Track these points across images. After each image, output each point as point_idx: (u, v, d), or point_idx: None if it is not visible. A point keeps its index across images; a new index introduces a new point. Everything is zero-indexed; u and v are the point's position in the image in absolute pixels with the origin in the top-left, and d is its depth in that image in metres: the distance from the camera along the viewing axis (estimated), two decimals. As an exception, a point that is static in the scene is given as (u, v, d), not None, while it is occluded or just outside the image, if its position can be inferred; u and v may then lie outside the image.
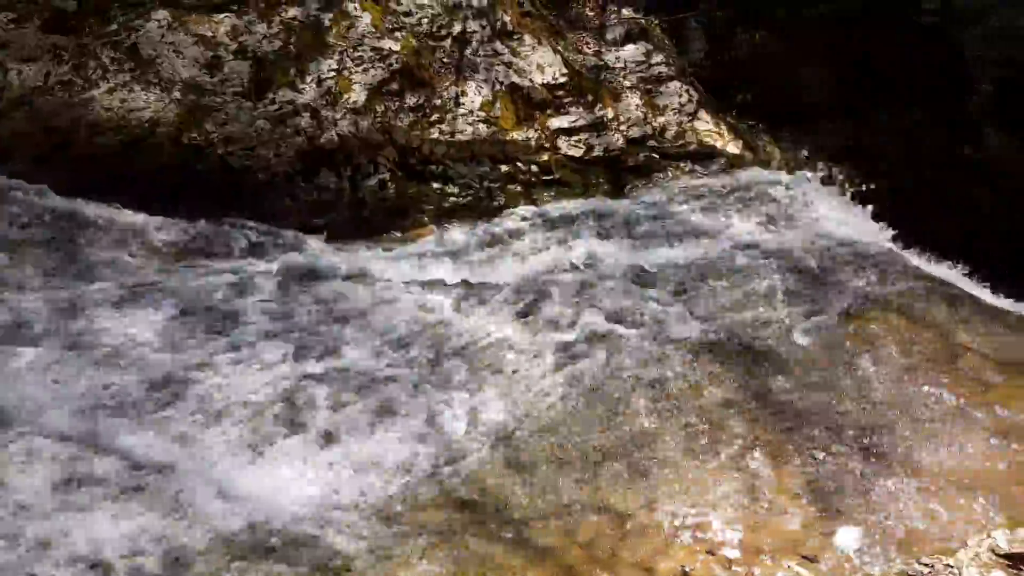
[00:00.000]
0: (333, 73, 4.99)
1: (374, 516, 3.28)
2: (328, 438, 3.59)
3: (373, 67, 5.13)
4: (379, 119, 5.07)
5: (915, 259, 5.69)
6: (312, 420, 3.65)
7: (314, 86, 4.92)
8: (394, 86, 5.17)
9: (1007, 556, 3.16)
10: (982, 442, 3.92)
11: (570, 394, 4.03)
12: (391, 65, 5.18)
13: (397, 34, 5.34)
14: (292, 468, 3.44)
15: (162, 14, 4.64)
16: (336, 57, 5.04)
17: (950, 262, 5.92)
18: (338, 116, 4.93)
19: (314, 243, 4.65)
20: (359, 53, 5.12)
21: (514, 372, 4.12)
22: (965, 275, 5.77)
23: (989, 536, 3.30)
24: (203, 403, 3.67)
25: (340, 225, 4.90)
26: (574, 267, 5.02)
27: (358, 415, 3.71)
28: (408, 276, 4.60)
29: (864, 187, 6.77)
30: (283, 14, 4.97)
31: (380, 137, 5.06)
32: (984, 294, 5.47)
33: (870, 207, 6.42)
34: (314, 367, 3.89)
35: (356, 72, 5.07)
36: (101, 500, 3.10)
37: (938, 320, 4.81)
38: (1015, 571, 3.08)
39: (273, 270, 4.36)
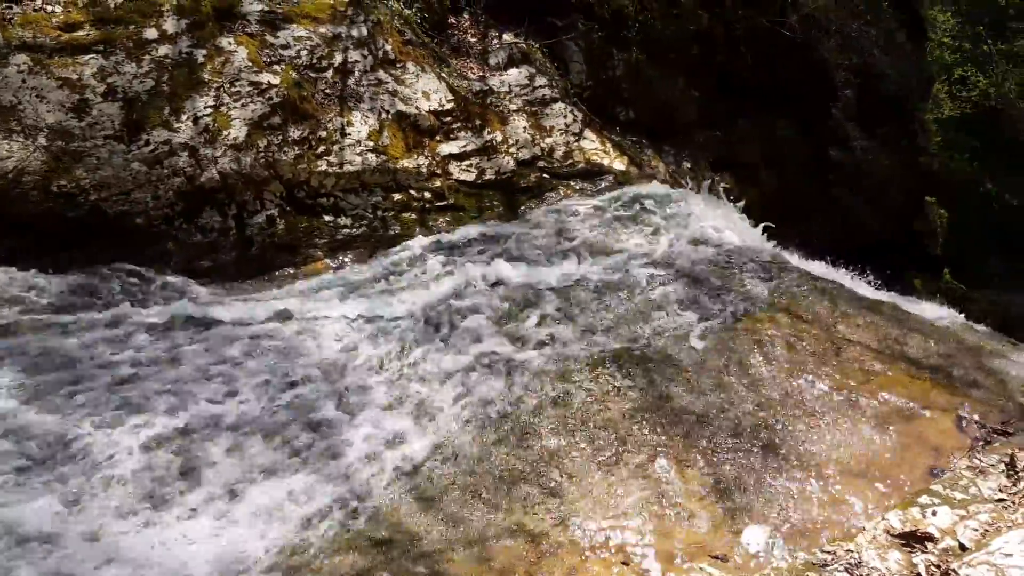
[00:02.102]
0: (210, 110, 4.84)
1: (281, 567, 3.15)
2: (227, 490, 3.43)
3: (252, 102, 5.00)
4: (262, 154, 4.94)
5: (795, 259, 5.95)
6: (209, 473, 3.48)
7: (191, 124, 4.75)
8: (276, 120, 5.06)
9: (901, 535, 3.32)
10: (869, 428, 4.12)
11: (477, 420, 4.00)
12: (271, 99, 5.07)
13: (276, 67, 5.24)
14: (190, 526, 3.26)
15: (21, 58, 4.39)
16: (212, 94, 4.89)
17: (827, 259, 6.26)
18: (218, 154, 4.78)
19: (200, 287, 4.47)
20: (236, 88, 4.99)
21: (419, 403, 4.07)
22: (842, 270, 6.11)
23: (884, 518, 3.46)
24: (89, 465, 3.43)
25: (228, 266, 4.75)
26: (473, 291, 5.01)
27: (258, 463, 3.56)
28: (303, 313, 4.47)
29: (743, 194, 7.10)
30: (153, 53, 4.79)
31: (265, 172, 4.94)
32: (860, 287, 5.79)
33: (750, 213, 6.72)
34: (208, 417, 3.72)
35: (234, 108, 4.93)
36: (-18, 581, 2.87)
37: (820, 315, 5.03)
38: (909, 549, 3.24)
39: (158, 319, 4.15)
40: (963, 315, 5.76)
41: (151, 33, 4.81)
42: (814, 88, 8.88)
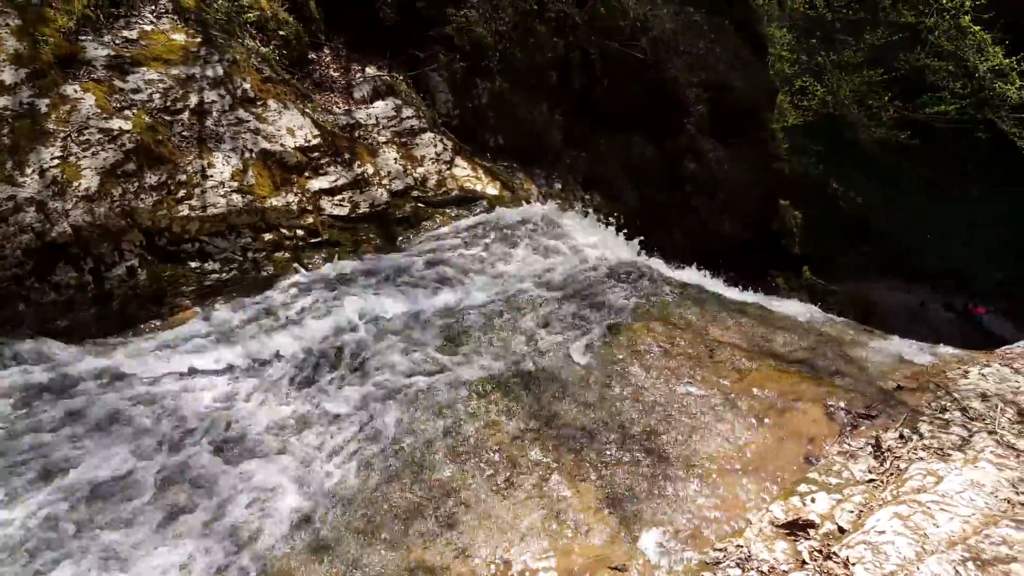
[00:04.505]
0: (57, 161, 4.56)
1: (168, 638, 2.97)
2: (105, 561, 3.20)
3: (103, 149, 4.74)
4: (117, 203, 4.68)
5: (664, 269, 6.20)
6: (82, 545, 3.23)
7: (36, 177, 4.45)
8: (130, 166, 4.82)
9: (785, 525, 3.48)
10: (747, 424, 4.31)
11: (368, 459, 3.92)
12: (123, 145, 4.82)
13: (127, 112, 5.00)
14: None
15: None
16: (59, 144, 4.60)
17: (692, 267, 6.57)
18: (69, 206, 4.50)
19: (58, 348, 4.16)
20: (85, 137, 4.72)
21: (305, 448, 3.94)
22: (708, 276, 6.42)
23: (768, 510, 3.62)
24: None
25: (87, 323, 4.45)
26: (355, 327, 4.93)
27: (136, 529, 3.34)
28: (173, 366, 4.24)
29: (612, 210, 7.33)
30: (-12, 105, 4.48)
31: (121, 222, 4.67)
32: (726, 290, 6.09)
33: (620, 229, 6.95)
34: (75, 486, 3.45)
35: (84, 157, 4.66)
36: None
37: (692, 321, 5.26)
38: (794, 538, 3.40)
39: (9, 386, 3.84)
40: (823, 309, 6.16)
41: (-15, 84, 4.50)
42: (667, 105, 9.34)
